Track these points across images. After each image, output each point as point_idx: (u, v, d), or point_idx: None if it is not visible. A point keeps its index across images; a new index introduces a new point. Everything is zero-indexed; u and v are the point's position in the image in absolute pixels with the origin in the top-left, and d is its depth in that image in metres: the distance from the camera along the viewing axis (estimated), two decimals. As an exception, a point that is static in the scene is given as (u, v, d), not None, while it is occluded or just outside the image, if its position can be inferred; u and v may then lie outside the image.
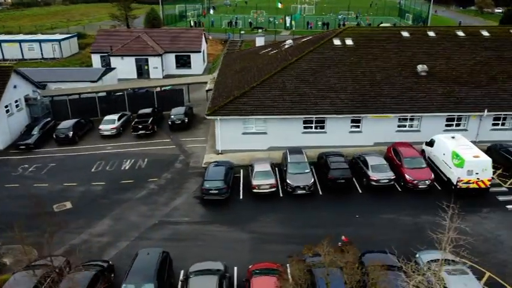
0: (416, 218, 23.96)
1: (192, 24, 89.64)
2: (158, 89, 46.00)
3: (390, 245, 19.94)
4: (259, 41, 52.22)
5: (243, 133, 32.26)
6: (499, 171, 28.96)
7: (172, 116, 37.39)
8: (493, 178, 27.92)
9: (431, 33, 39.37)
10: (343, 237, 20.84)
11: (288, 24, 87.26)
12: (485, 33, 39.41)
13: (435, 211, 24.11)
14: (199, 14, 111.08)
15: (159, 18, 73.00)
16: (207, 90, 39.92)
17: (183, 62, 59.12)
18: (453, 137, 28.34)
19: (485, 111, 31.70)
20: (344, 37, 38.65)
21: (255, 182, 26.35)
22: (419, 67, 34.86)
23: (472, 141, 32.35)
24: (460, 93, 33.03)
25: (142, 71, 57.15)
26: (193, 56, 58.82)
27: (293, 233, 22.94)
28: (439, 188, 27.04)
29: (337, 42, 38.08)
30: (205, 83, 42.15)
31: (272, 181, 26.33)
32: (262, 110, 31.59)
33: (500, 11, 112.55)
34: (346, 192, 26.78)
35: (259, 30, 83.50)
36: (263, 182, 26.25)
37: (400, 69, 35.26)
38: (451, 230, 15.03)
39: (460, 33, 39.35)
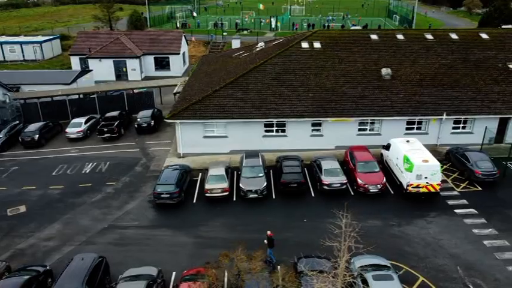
0: (362, 222, 23.88)
1: (178, 26, 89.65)
2: (136, 91, 46.19)
3: (332, 250, 20.14)
4: (235, 43, 52.39)
5: (204, 137, 32.38)
6: (454, 175, 29.09)
7: (138, 119, 37.54)
8: (447, 182, 28.21)
9: (400, 36, 39.50)
10: (268, 233, 21.05)
11: (273, 26, 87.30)
12: (454, 36, 39.53)
13: (382, 215, 24.54)
14: (188, 15, 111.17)
15: (142, 20, 72.98)
16: (174, 93, 40.03)
17: (162, 64, 59.20)
18: (408, 141, 28.47)
19: (444, 114, 31.83)
20: (313, 40, 38.75)
21: (207, 186, 26.48)
22: (384, 71, 34.99)
23: (433, 145, 32.88)
24: (422, 97, 33.15)
25: (120, 73, 57.21)
26: (172, 58, 58.92)
27: (237, 237, 22.81)
28: (392, 192, 27.14)
29: (305, 45, 38.19)
30: (175, 85, 42.17)
31: (225, 185, 26.45)
32: (223, 114, 31.70)
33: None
34: (299, 196, 26.89)
35: (245, 32, 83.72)
36: (215, 186, 26.37)
37: (365, 72, 35.37)
38: (348, 237, 14.83)
39: (429, 36, 39.47)
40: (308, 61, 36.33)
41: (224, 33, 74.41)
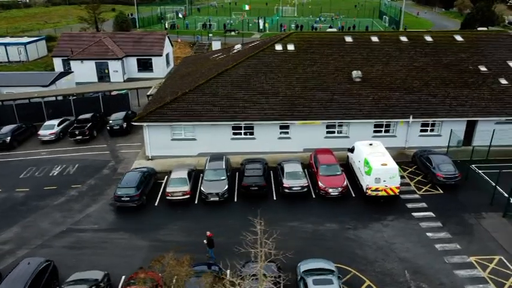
0: (319, 226, 24.13)
1: (167, 27, 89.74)
2: (114, 92, 46.30)
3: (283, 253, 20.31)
4: (216, 45, 52.49)
5: (172, 139, 32.45)
6: (418, 178, 29.17)
7: (110, 122, 37.63)
8: (409, 185, 28.29)
9: (374, 39, 39.59)
10: (208, 233, 21.21)
11: (261, 27, 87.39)
12: (428, 38, 39.64)
13: (340, 219, 24.62)
14: (178, 16, 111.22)
15: (128, 21, 73.04)
16: (147, 96, 40.10)
17: (145, 65, 59.28)
18: (371, 144, 28.53)
19: (411, 117, 31.90)
20: (287, 43, 38.84)
21: (168, 189, 26.57)
22: (354, 73, 35.06)
23: (401, 148, 32.97)
24: (390, 100, 33.22)
25: (103, 75, 57.28)
26: (154, 59, 59.01)
27: (193, 241, 23.05)
28: (354, 195, 27.20)
29: (278, 47, 38.27)
30: (150, 87, 42.25)
31: (186, 188, 26.52)
32: (190, 117, 31.77)
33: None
34: (260, 200, 26.93)
35: (232, 33, 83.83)
36: (177, 189, 26.44)
37: (336, 75, 35.45)
38: (264, 244, 14.87)
39: (404, 39, 39.57)
40: (280, 64, 36.42)
41: (210, 35, 74.48)
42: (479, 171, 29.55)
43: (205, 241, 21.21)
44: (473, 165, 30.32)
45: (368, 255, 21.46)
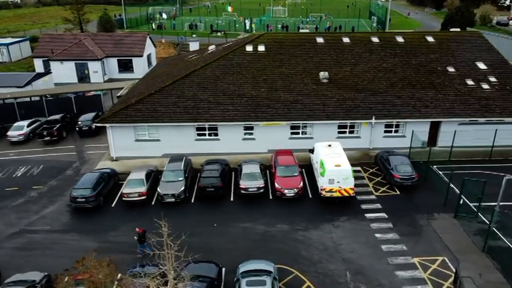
0: (270, 227, 24.18)
1: (154, 28, 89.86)
2: (92, 93, 46.43)
3: (232, 254, 20.65)
4: (193, 46, 52.45)
5: (136, 140, 32.51)
6: (378, 179, 29.24)
7: (79, 122, 37.70)
8: (368, 186, 28.36)
9: (346, 40, 39.65)
10: (137, 229, 21.35)
11: (247, 27, 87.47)
12: (400, 39, 39.70)
13: (292, 220, 24.68)
14: (168, 16, 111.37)
15: (112, 21, 73.11)
16: (117, 96, 40.16)
17: (126, 66, 59.34)
18: (330, 145, 28.58)
19: (373, 118, 31.95)
20: (258, 43, 38.91)
21: (124, 190, 26.64)
22: (321, 74, 35.13)
23: (366, 149, 33.03)
24: (355, 101, 33.26)
25: (83, 76, 57.34)
26: (135, 60, 59.06)
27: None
28: (311, 196, 27.26)
29: (249, 48, 38.35)
30: (122, 88, 42.29)
31: (142, 189, 26.58)
32: (153, 118, 31.83)
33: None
34: (217, 201, 27.00)
35: (219, 34, 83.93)
36: (133, 190, 26.51)
37: (304, 76, 35.51)
38: (171, 246, 14.93)
39: (375, 40, 39.61)
40: (249, 65, 36.48)
41: (193, 35, 74.51)
42: (439, 172, 29.59)
43: (135, 237, 21.33)
44: (434, 166, 30.39)
45: (313, 256, 21.52)
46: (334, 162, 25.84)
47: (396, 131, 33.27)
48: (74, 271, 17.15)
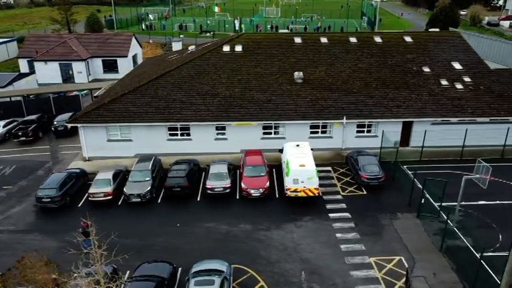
0: (233, 227, 24.18)
1: (144, 28, 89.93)
2: (75, 93, 46.46)
3: (192, 254, 20.73)
4: (176, 46, 52.50)
5: (108, 140, 32.50)
6: (347, 179, 29.24)
7: (55, 123, 37.70)
8: (336, 186, 28.37)
9: (323, 40, 39.68)
10: (82, 222, 21.19)
11: (237, 28, 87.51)
12: (378, 39, 39.73)
13: (256, 220, 24.69)
14: (159, 16, 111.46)
15: (99, 22, 73.13)
16: (94, 97, 40.17)
17: (110, 66, 59.34)
18: (298, 145, 28.58)
19: (344, 118, 31.95)
20: (235, 44, 38.93)
21: (90, 190, 26.65)
22: (296, 74, 35.12)
23: (339, 149, 33.04)
24: (328, 101, 33.27)
25: (67, 76, 57.34)
26: (120, 60, 59.02)
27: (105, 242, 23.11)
28: (277, 196, 27.26)
29: (226, 48, 38.37)
30: (99, 89, 42.34)
31: (108, 189, 26.58)
32: (125, 118, 31.82)
33: (464, 13, 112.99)
34: (183, 201, 27.00)
35: (208, 34, 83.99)
36: (99, 190, 26.52)
37: (279, 76, 35.52)
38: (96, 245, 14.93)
39: (353, 40, 39.63)
40: (225, 65, 36.50)
41: (181, 36, 74.56)
42: (409, 172, 29.58)
43: (80, 230, 21.33)
44: (405, 166, 30.40)
45: (271, 256, 21.51)
46: (299, 162, 25.84)
47: (369, 131, 33.26)
48: (15, 271, 17.08)
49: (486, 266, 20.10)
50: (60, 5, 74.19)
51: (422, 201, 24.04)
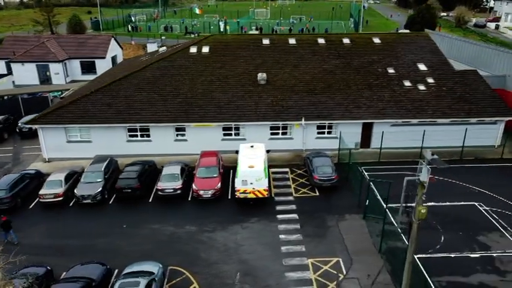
0: (179, 228, 24.10)
1: (129, 30, 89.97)
2: (49, 94, 46.40)
3: (133, 255, 20.64)
4: (151, 47, 52.40)
5: (68, 141, 32.45)
6: (302, 180, 29.19)
7: (19, 124, 37.65)
8: (289, 187, 28.31)
9: (292, 41, 39.68)
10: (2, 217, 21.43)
11: (222, 29, 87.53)
12: (346, 40, 39.74)
13: (203, 221, 24.63)
14: (148, 18, 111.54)
15: (81, 23, 73.16)
16: (61, 97, 40.13)
17: (88, 67, 59.33)
18: (252, 146, 28.55)
19: (303, 120, 31.90)
20: (202, 45, 38.93)
21: (41, 191, 26.58)
22: (259, 75, 35.11)
23: (299, 150, 33.01)
24: (288, 102, 33.23)
25: (44, 77, 57.32)
26: (98, 61, 59.02)
27: (49, 243, 23.11)
28: (229, 197, 27.19)
29: (193, 50, 38.38)
30: (68, 90, 42.33)
31: (58, 191, 26.51)
32: (84, 119, 31.78)
33: (444, 14, 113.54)
34: (135, 202, 26.93)
35: (192, 36, 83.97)
36: (49, 191, 26.45)
37: (242, 77, 35.50)
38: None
39: (321, 41, 39.66)
40: (190, 66, 36.50)
41: (162, 37, 74.56)
42: (365, 173, 29.53)
43: None
44: (363, 167, 30.33)
45: (211, 258, 21.45)
46: (248, 164, 25.79)
47: (329, 132, 33.22)
48: None
49: (422, 268, 20.08)
50: (42, 7, 74.12)
51: (367, 203, 23.95)
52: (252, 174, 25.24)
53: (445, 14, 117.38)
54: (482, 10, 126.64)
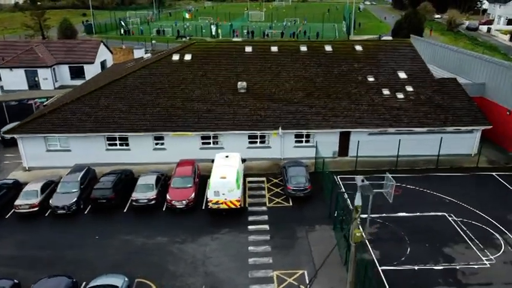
0: (150, 239, 24.34)
1: (122, 33, 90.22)
2: (36, 101, 46.60)
3: (101, 267, 20.86)
4: (138, 53, 52.61)
5: (48, 150, 32.70)
6: (277, 190, 29.42)
7: (1, 132, 37.87)
8: (264, 197, 28.54)
9: (274, 49, 39.93)
10: None
11: (213, 33, 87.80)
12: (328, 48, 39.96)
13: (174, 232, 24.86)
14: (142, 21, 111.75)
15: (72, 27, 73.41)
16: (44, 105, 40.38)
17: (77, 73, 59.63)
18: (227, 156, 28.78)
19: (280, 129, 32.13)
20: (185, 53, 39.18)
21: (16, 202, 26.82)
22: (239, 84, 35.35)
23: (278, 159, 33.24)
24: (266, 111, 33.47)
25: (33, 83, 57.60)
26: (86, 67, 59.29)
27: (21, 255, 23.31)
28: (203, 208, 27.42)
29: (175, 57, 38.63)
30: (52, 97, 42.58)
31: (34, 201, 26.76)
32: (63, 128, 32.01)
33: (438, 16, 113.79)
34: (109, 212, 27.16)
35: (184, 39, 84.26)
36: (24, 202, 26.69)
37: (223, 86, 35.75)
38: None
39: (303, 49, 39.89)
40: (171, 74, 36.75)
41: (153, 41, 74.81)
42: (340, 183, 29.80)
43: None
44: (339, 176, 30.62)
45: (178, 270, 21.70)
46: (220, 174, 26.03)
47: (307, 141, 33.46)
48: None
49: (385, 281, 20.34)
50: (34, 10, 74.27)
51: (336, 214, 24.20)
52: (224, 185, 25.48)
53: (439, 16, 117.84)
54: (476, 12, 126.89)
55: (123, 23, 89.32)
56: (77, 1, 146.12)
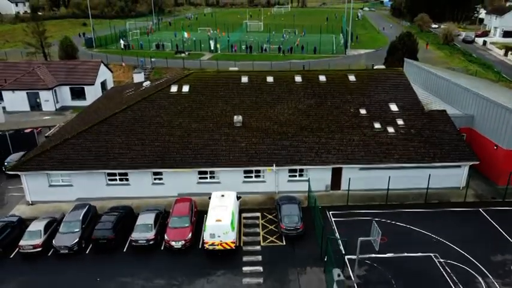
0: (148, 282, 25.45)
1: (122, 47, 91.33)
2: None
3: None
4: (137, 78, 53.85)
5: (50, 185, 33.85)
6: (271, 227, 30.51)
7: (5, 163, 38.98)
8: (258, 235, 29.62)
9: (270, 79, 41.07)
10: None
11: (212, 48, 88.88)
12: (322, 78, 41.12)
13: (172, 274, 25.98)
14: (142, 32, 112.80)
15: (73, 45, 74.56)
16: (46, 136, 41.52)
17: (78, 94, 60.84)
18: (223, 195, 29.90)
19: (274, 165, 33.24)
20: (183, 83, 40.31)
21: (20, 242, 27.93)
22: (235, 118, 36.45)
23: (272, 192, 34.35)
24: (261, 146, 34.56)
25: (35, 104, 58.81)
26: (87, 88, 60.54)
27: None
28: (200, 247, 28.53)
29: (174, 89, 39.76)
30: (53, 126, 43.69)
31: (37, 242, 27.88)
32: (65, 165, 33.13)
33: (436, 26, 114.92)
34: (110, 252, 28.26)
35: (183, 55, 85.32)
36: (28, 242, 27.81)
37: (219, 119, 36.86)
38: None
39: (298, 79, 41.04)
40: (169, 107, 37.85)
41: (152, 59, 75.88)
42: (332, 219, 30.92)
43: None
44: (331, 212, 31.75)
45: (174, 315, 22.82)
46: (215, 217, 27.14)
47: (301, 175, 34.56)
48: None
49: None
50: (34, 23, 74.90)
51: (326, 259, 25.31)
52: (219, 228, 26.60)
53: (436, 26, 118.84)
54: (473, 22, 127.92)
55: (121, 41, 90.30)
56: (76, 10, 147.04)
